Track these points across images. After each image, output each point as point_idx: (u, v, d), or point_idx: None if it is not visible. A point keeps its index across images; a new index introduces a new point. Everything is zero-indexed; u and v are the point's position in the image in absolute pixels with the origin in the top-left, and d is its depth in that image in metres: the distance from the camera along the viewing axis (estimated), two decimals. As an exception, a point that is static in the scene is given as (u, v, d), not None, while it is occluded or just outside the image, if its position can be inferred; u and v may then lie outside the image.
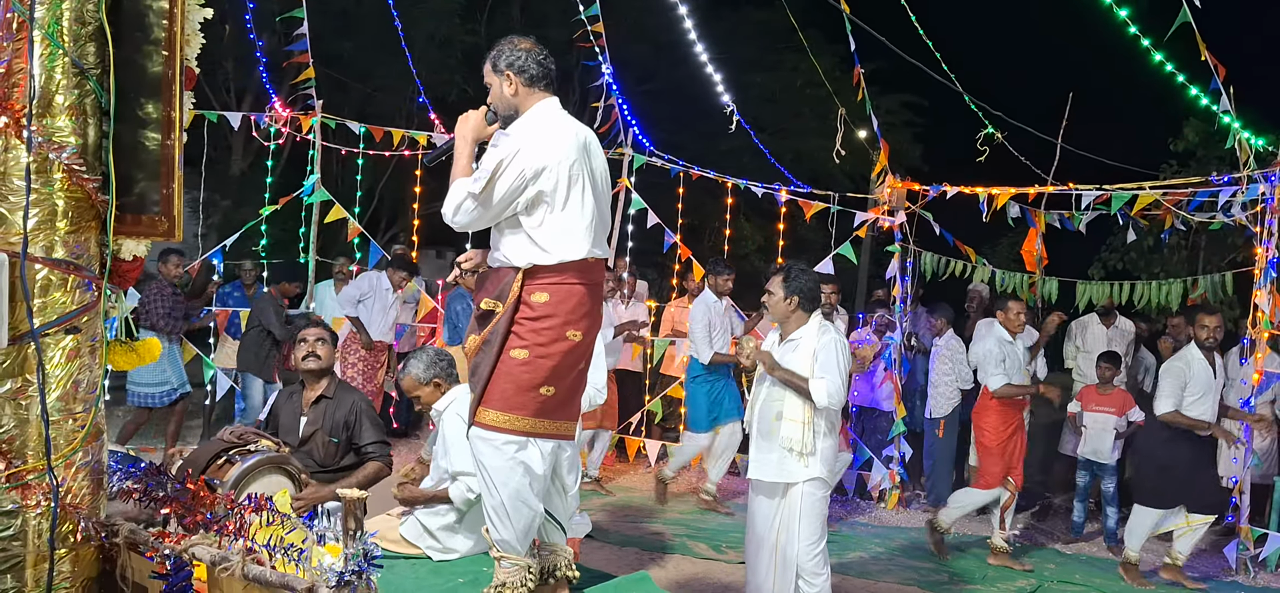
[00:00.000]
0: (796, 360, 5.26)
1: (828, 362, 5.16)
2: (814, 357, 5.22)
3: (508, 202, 3.55)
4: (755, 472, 5.34)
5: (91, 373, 2.61)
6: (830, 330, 5.31)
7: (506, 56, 3.70)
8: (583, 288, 3.63)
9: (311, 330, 5.39)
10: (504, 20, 18.45)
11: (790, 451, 5.19)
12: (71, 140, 2.48)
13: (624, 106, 9.94)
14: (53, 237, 2.50)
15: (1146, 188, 8.51)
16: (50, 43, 2.42)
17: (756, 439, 5.38)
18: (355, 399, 5.32)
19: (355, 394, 5.41)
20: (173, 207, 2.60)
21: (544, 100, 3.71)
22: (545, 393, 3.58)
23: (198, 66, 2.67)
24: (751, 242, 18.26)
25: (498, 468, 3.59)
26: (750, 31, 18.25)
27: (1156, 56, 7.17)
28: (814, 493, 5.17)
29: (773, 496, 5.26)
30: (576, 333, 3.60)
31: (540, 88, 3.70)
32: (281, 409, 5.39)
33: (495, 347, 3.57)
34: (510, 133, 3.66)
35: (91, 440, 2.62)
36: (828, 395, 5.11)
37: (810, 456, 5.16)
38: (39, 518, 2.55)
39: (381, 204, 17.70)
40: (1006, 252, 14.52)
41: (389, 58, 14.82)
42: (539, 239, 3.56)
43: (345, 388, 5.43)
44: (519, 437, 3.59)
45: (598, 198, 3.71)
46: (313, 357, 5.25)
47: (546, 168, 3.52)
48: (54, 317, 2.51)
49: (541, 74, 3.70)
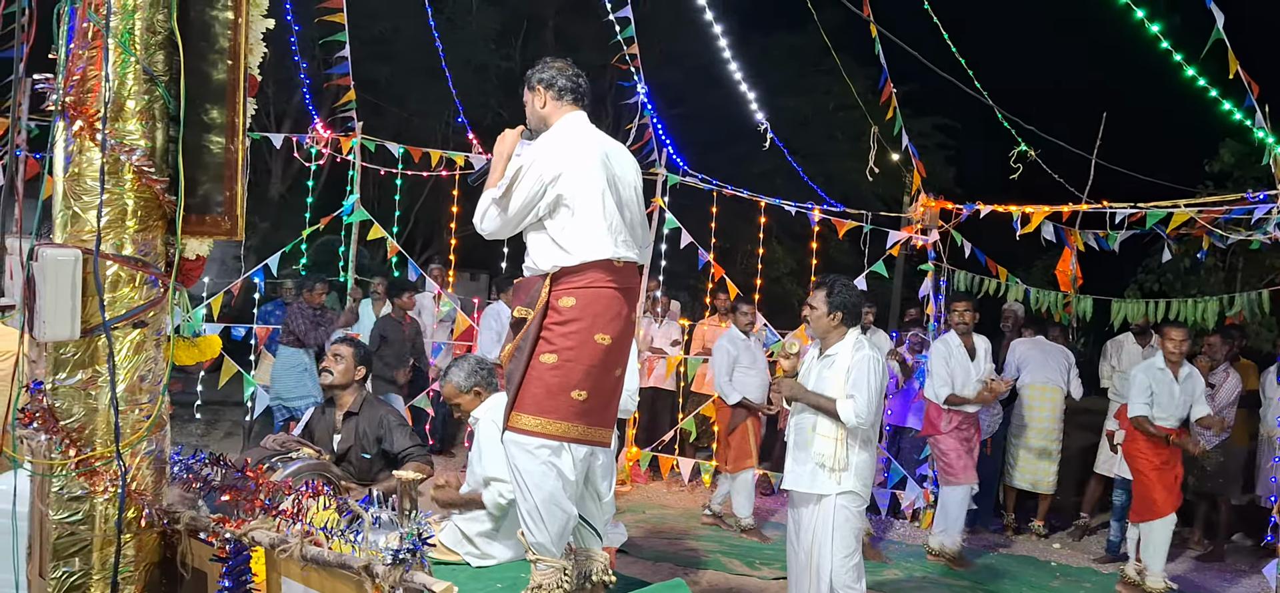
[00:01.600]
0: (831, 377, 5.30)
1: (859, 380, 5.19)
2: (847, 374, 5.26)
3: (528, 207, 3.65)
4: (789, 483, 5.39)
5: (156, 366, 2.73)
6: (865, 347, 5.34)
7: (539, 73, 3.88)
8: (611, 291, 3.68)
9: (339, 346, 5.47)
10: (538, 45, 18.72)
11: (822, 465, 5.24)
12: (141, 143, 2.60)
13: (658, 126, 10.06)
14: (122, 235, 2.63)
15: (1182, 205, 8.50)
16: (123, 51, 2.55)
17: (792, 451, 5.43)
18: (381, 412, 5.37)
19: (381, 407, 5.45)
20: (236, 207, 2.72)
21: (571, 113, 3.85)
22: (577, 397, 3.63)
23: (259, 74, 2.79)
24: (783, 264, 18.33)
25: (531, 472, 3.65)
26: (781, 56, 18.39)
27: (1189, 72, 7.17)
28: (847, 507, 5.21)
29: (807, 506, 5.31)
30: (605, 336, 3.65)
31: (568, 102, 3.85)
32: (316, 425, 5.48)
33: (526, 352, 3.64)
34: (534, 143, 3.78)
35: (156, 430, 2.74)
36: (856, 416, 5.14)
37: (843, 471, 5.21)
38: (106, 503, 2.66)
39: (417, 225, 17.93)
40: (1042, 271, 14.49)
41: (425, 82, 15.09)
42: (562, 242, 3.65)
43: (371, 402, 5.48)
44: (552, 441, 3.63)
45: (623, 203, 3.78)
46: (326, 373, 5.34)
47: (563, 173, 3.62)
48: (122, 311, 2.63)
49: (570, 89, 3.85)
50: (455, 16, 16.50)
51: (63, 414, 2.63)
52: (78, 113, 2.53)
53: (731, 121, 12.58)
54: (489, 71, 17.44)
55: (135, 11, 2.57)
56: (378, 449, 5.24)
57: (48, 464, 2.63)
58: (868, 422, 5.19)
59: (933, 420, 7.83)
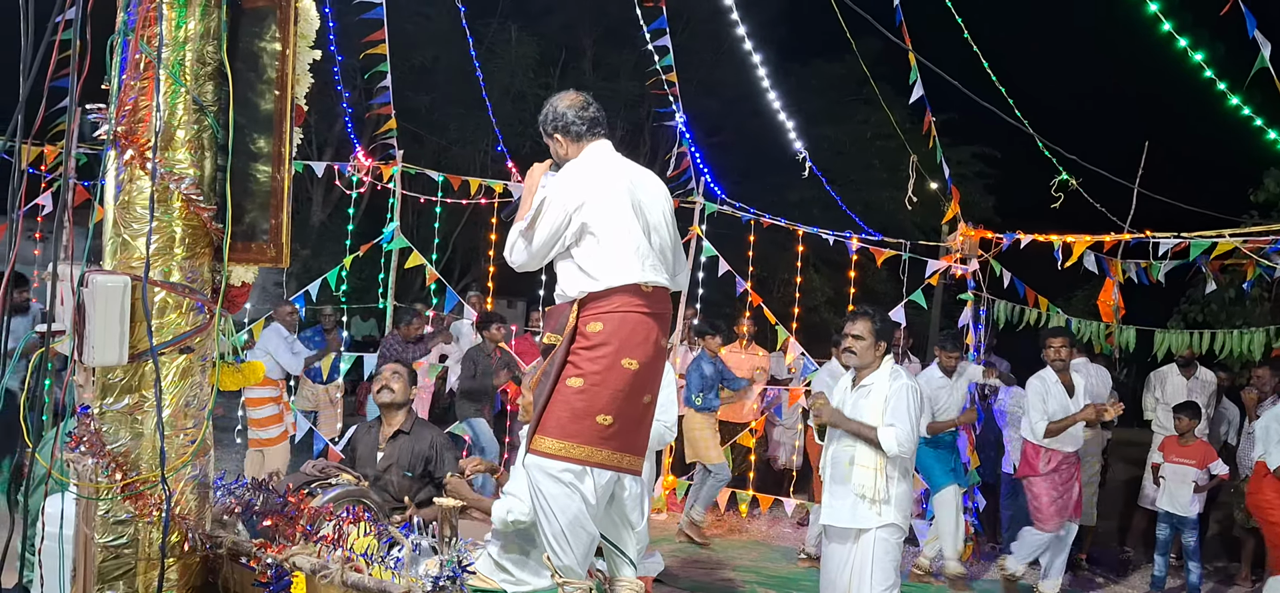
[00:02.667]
0: (868, 407, 5.27)
1: (899, 408, 5.15)
2: (885, 403, 5.22)
3: (554, 237, 3.67)
4: (828, 517, 5.34)
5: (201, 391, 2.76)
6: (902, 375, 5.31)
7: (550, 120, 3.91)
8: (639, 315, 3.67)
9: (388, 365, 5.52)
10: (576, 73, 18.83)
11: (863, 497, 5.19)
12: (190, 172, 2.65)
13: (696, 154, 10.08)
14: (170, 262, 2.67)
15: (1227, 235, 8.38)
16: (174, 82, 2.61)
17: (830, 485, 5.38)
18: (433, 435, 5.43)
19: (433, 430, 5.52)
20: (281, 235, 2.75)
21: (593, 144, 3.88)
22: (602, 422, 3.60)
23: (306, 104, 2.84)
24: (821, 293, 18.24)
25: (555, 496, 3.61)
26: (819, 85, 18.37)
27: (1233, 100, 7.09)
28: (887, 539, 5.16)
29: (845, 541, 5.26)
30: (633, 361, 3.62)
31: (588, 136, 3.87)
32: (360, 441, 5.53)
33: (552, 376, 3.64)
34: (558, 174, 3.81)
35: (200, 455, 2.77)
36: (898, 444, 5.10)
37: (884, 503, 5.17)
38: (150, 528, 2.69)
39: (455, 252, 18.05)
40: (1083, 301, 14.30)
41: (463, 111, 15.22)
42: (588, 268, 3.65)
43: (423, 423, 5.54)
44: (575, 465, 3.60)
45: (652, 228, 3.78)
46: (386, 390, 5.38)
47: (586, 201, 3.64)
48: (169, 337, 2.67)
49: (584, 124, 3.87)
50: (495, 46, 16.66)
51: (110, 439, 2.67)
52: (129, 142, 2.59)
53: (769, 150, 12.59)
54: (527, 100, 17.55)
55: (186, 43, 2.62)
56: (424, 470, 5.26)
57: (94, 488, 2.66)
58: (909, 450, 5.15)
59: (1029, 460, 7.57)
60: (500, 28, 17.08)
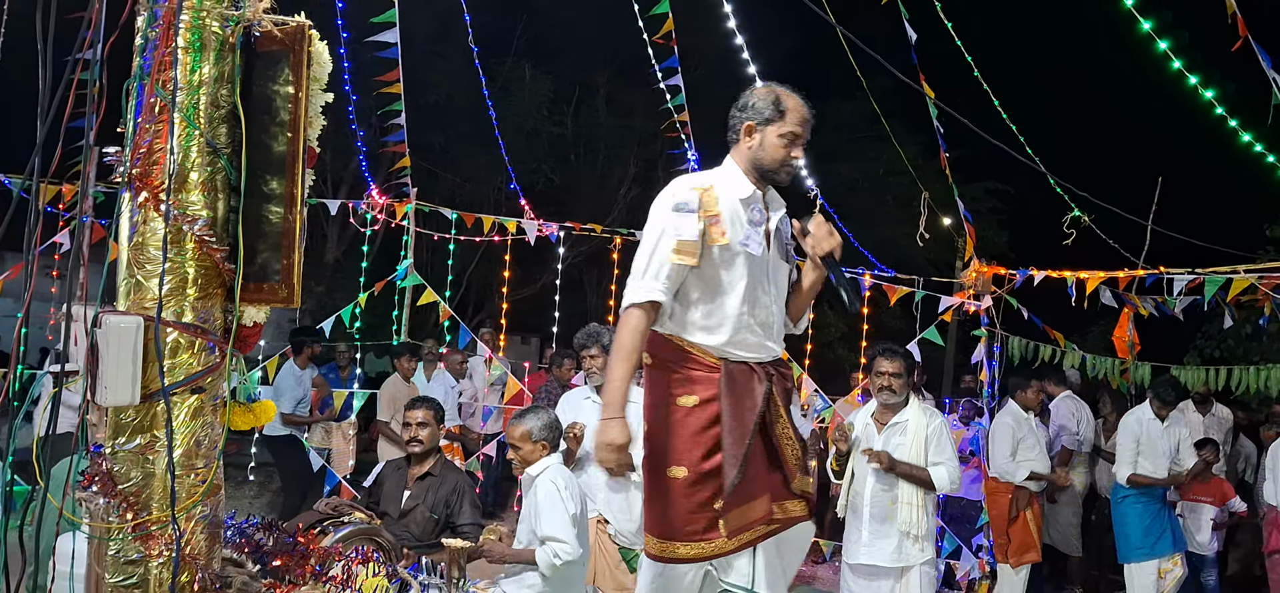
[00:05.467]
0: (905, 445, 5.30)
1: (944, 445, 5.31)
2: (927, 442, 5.30)
3: None
4: (871, 557, 5.33)
5: (213, 431, 2.77)
6: (937, 414, 5.41)
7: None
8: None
9: (417, 412, 5.50)
10: (589, 111, 18.96)
11: (907, 534, 5.23)
12: (203, 213, 2.67)
13: (708, 193, 10.09)
14: (183, 302, 2.69)
15: (1242, 272, 8.35)
16: (188, 125, 2.64)
17: (870, 524, 5.38)
18: (459, 479, 5.43)
19: (459, 474, 5.53)
20: (292, 275, 2.77)
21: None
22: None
23: (318, 146, 2.87)
24: (835, 329, 18.23)
25: None
26: (832, 121, 18.44)
27: (1245, 137, 7.09)
28: (929, 573, 5.26)
29: (886, 579, 5.28)
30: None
31: None
32: (387, 479, 5.54)
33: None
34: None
35: (211, 495, 2.78)
36: (950, 482, 5.23)
37: (926, 539, 5.24)
38: (160, 568, 2.69)
39: (469, 289, 18.11)
40: (1099, 338, 14.26)
41: (477, 149, 15.31)
42: None
43: (450, 467, 5.56)
44: None
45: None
46: (415, 442, 5.39)
47: None
48: (181, 377, 2.69)
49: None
50: (509, 85, 16.78)
51: (121, 478, 2.68)
52: (143, 184, 2.61)
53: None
54: (541, 137, 17.67)
55: (201, 87, 2.65)
56: (445, 513, 5.27)
57: (105, 527, 2.67)
58: (958, 487, 5.29)
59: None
60: (514, 66, 17.21)
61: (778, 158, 3.51)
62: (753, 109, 3.53)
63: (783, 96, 3.54)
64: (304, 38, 2.72)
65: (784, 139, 3.50)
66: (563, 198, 17.18)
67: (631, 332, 3.31)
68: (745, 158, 3.53)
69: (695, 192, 3.41)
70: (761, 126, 3.50)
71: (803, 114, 3.54)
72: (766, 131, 3.50)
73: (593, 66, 18.29)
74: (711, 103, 15.35)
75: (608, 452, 3.30)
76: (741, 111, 3.55)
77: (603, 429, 3.30)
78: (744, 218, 3.46)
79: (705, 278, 3.39)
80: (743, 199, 3.48)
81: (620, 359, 3.31)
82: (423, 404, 5.48)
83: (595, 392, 5.72)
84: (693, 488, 3.32)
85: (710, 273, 3.38)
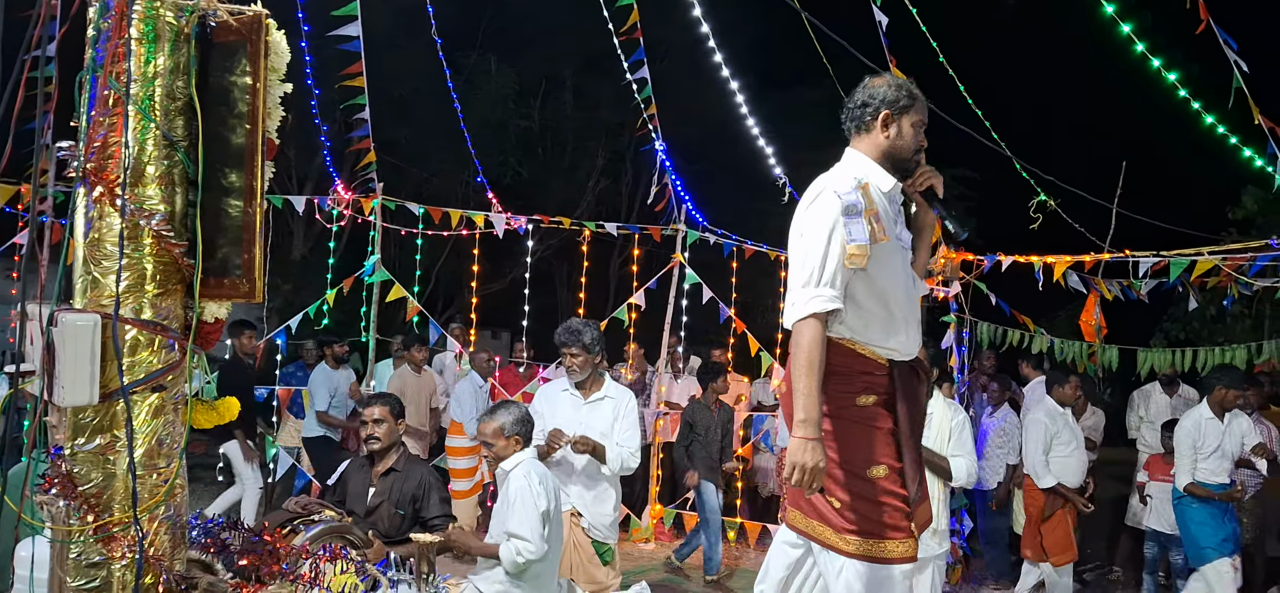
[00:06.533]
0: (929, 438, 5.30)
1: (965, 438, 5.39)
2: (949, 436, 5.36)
3: None
4: None
5: (175, 430, 2.72)
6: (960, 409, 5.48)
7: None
8: None
9: (373, 409, 5.42)
10: (557, 104, 18.88)
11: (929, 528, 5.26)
12: (161, 208, 2.62)
13: (677, 182, 10.09)
14: (141, 299, 2.63)
15: (1205, 253, 8.43)
16: (143, 117, 2.58)
17: None
18: (423, 472, 5.38)
19: (423, 467, 5.47)
20: (253, 270, 2.72)
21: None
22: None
23: (277, 138, 2.81)
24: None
25: None
26: (800, 111, 18.46)
27: (1208, 119, 7.15)
28: (942, 566, 5.31)
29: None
30: None
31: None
32: (351, 478, 5.47)
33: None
34: None
35: (174, 496, 2.72)
36: (968, 475, 5.26)
37: (943, 532, 5.28)
38: (124, 570, 2.64)
39: (439, 284, 18.01)
40: (1066, 322, 14.38)
41: (444, 143, 15.23)
42: None
43: (414, 461, 5.49)
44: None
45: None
46: (372, 439, 5.32)
47: None
48: (141, 375, 2.63)
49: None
50: (474, 78, 16.69)
51: (82, 479, 2.63)
52: (98, 179, 2.55)
53: (751, 177, 12.61)
54: (508, 131, 17.60)
55: (155, 79, 2.60)
56: (412, 508, 5.22)
57: (66, 530, 2.61)
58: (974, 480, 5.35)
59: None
60: (480, 59, 17.12)
61: (913, 146, 3.44)
62: (886, 100, 3.40)
63: (909, 85, 3.46)
64: (261, 27, 2.67)
65: (917, 128, 3.44)
66: (531, 191, 17.13)
67: (812, 343, 3.15)
68: (879, 149, 3.41)
69: (859, 192, 3.29)
70: (898, 116, 3.40)
71: (923, 102, 3.49)
72: (902, 121, 3.41)
73: (559, 59, 18.22)
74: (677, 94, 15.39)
75: (804, 475, 3.10)
76: (870, 103, 3.42)
77: (801, 450, 3.11)
78: (892, 213, 3.40)
79: (870, 279, 3.28)
80: (886, 193, 3.38)
81: (807, 373, 3.12)
82: (379, 401, 5.41)
83: (575, 388, 5.70)
84: (893, 486, 3.25)
85: (876, 273, 3.28)
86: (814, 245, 3.22)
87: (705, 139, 16.05)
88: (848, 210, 3.21)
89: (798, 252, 3.27)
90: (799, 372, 3.14)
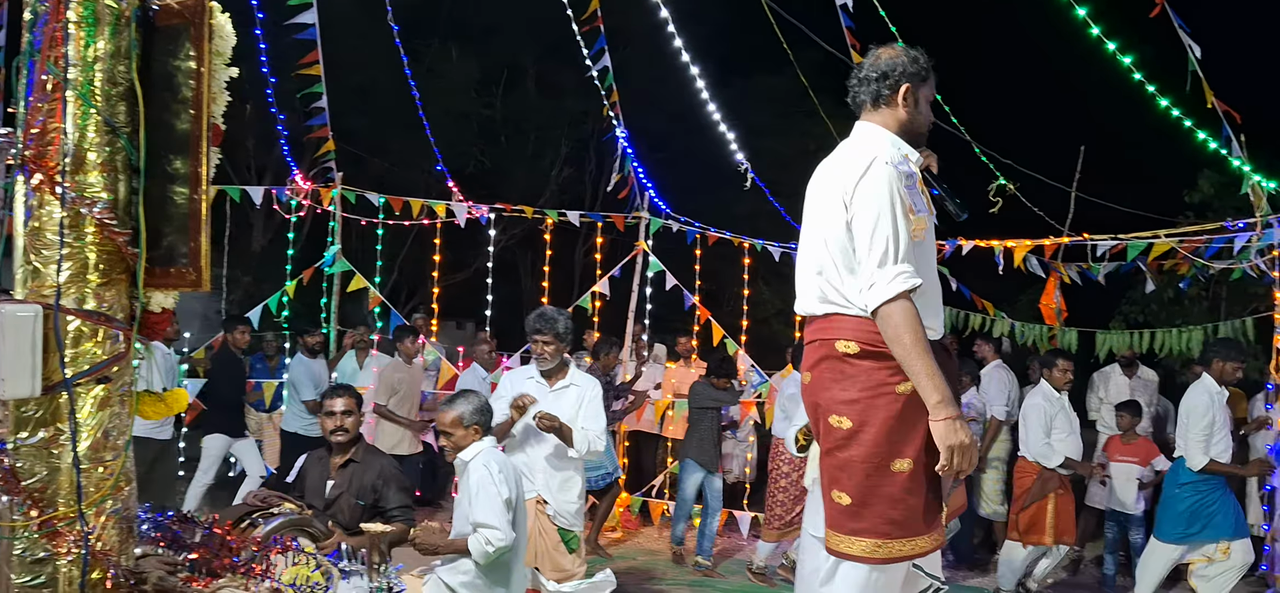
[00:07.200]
0: None
1: None
2: None
3: None
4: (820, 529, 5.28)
5: (121, 422, 2.67)
6: None
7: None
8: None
9: (337, 401, 5.36)
10: (520, 92, 18.77)
11: None
12: (103, 196, 2.56)
13: (639, 170, 10.07)
14: (84, 289, 2.58)
15: (1162, 236, 8.53)
16: (83, 103, 2.52)
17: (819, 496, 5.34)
18: (383, 463, 5.34)
19: (383, 458, 5.43)
20: (200, 259, 2.66)
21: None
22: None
23: (224, 123, 2.76)
24: (770, 305, 18.30)
25: None
26: (762, 98, 18.47)
27: (1162, 102, 7.22)
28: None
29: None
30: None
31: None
32: (309, 471, 5.41)
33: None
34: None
35: (121, 489, 2.67)
36: None
37: None
38: (70, 565, 2.59)
39: (402, 274, 17.88)
40: (1027, 305, 14.49)
41: (405, 132, 15.09)
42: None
43: (373, 452, 5.45)
44: None
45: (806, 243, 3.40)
46: (340, 431, 5.26)
47: None
48: (85, 367, 2.58)
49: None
50: (435, 66, 16.55)
51: (25, 474, 2.57)
52: (37, 166, 2.49)
53: (715, 165, 12.61)
54: (470, 120, 17.48)
55: (96, 63, 2.54)
56: (372, 499, 5.17)
57: (10, 526, 2.56)
58: None
59: None
60: (441, 48, 16.98)
61: (928, 120, 3.36)
62: (907, 73, 3.27)
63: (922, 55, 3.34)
64: (204, 10, 2.61)
65: (929, 100, 3.36)
66: (494, 180, 17.02)
67: (911, 323, 2.97)
68: (899, 123, 3.28)
69: (910, 161, 3.18)
70: (917, 89, 3.29)
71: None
72: (921, 92, 3.30)
73: (521, 47, 18.11)
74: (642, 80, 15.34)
75: (963, 456, 2.99)
76: (890, 74, 3.26)
77: (950, 431, 2.97)
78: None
79: (921, 253, 3.14)
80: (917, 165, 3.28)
81: (921, 353, 2.96)
82: (343, 393, 5.36)
83: (542, 376, 5.68)
84: (916, 481, 3.10)
85: (920, 248, 3.15)
86: (880, 220, 3.03)
87: (668, 127, 16.02)
88: (908, 181, 3.10)
89: (862, 226, 3.06)
90: (909, 354, 2.97)
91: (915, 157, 3.29)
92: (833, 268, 3.17)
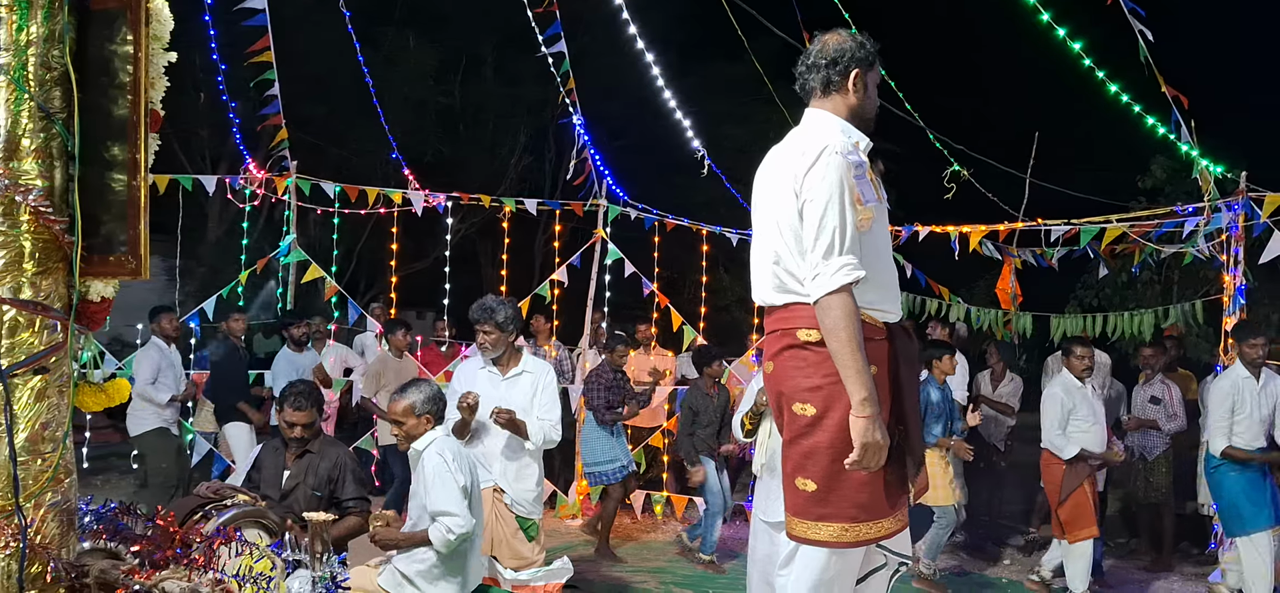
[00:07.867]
0: None
1: None
2: None
3: None
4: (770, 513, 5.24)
5: (60, 413, 2.62)
6: None
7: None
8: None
9: (300, 416, 5.29)
10: (478, 80, 18.66)
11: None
12: (38, 183, 2.51)
13: (597, 158, 10.05)
14: (20, 278, 2.53)
15: (1114, 221, 8.64)
16: (16, 88, 2.47)
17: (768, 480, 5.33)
18: (339, 453, 5.30)
19: (339, 449, 5.40)
20: (139, 247, 2.62)
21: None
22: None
23: (163, 109, 2.71)
24: (731, 292, 18.35)
25: None
26: (719, 85, 18.49)
27: (1112, 88, 7.29)
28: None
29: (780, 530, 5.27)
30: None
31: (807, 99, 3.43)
32: (265, 463, 5.36)
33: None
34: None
35: (60, 481, 2.62)
36: None
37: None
38: (8, 559, 2.54)
39: (360, 264, 17.74)
40: (984, 291, 14.64)
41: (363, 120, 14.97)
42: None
43: (329, 442, 5.42)
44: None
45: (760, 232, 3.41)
46: (298, 426, 5.21)
47: None
48: (22, 357, 2.53)
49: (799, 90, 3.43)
50: (393, 54, 16.41)
51: (-40, 468, 2.52)
52: (-31, 154, 2.44)
53: (674, 153, 12.62)
54: (428, 108, 17.36)
55: (29, 47, 2.48)
56: (328, 490, 5.13)
57: (-55, 521, 2.51)
58: None
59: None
60: (398, 35, 16.83)
61: (877, 102, 3.37)
62: (856, 58, 3.27)
63: (866, 39, 3.34)
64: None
65: (877, 84, 3.37)
66: (453, 169, 16.91)
67: (848, 318, 2.98)
68: (850, 108, 3.28)
69: (859, 150, 3.17)
70: (866, 72, 3.29)
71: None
72: (869, 77, 3.31)
73: (479, 35, 18.00)
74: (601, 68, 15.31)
75: (875, 455, 3.02)
76: (839, 61, 3.27)
77: (868, 429, 2.99)
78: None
79: (872, 239, 3.17)
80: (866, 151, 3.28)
81: (853, 350, 2.96)
82: (306, 406, 5.30)
83: (492, 364, 5.65)
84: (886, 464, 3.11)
85: (873, 233, 3.18)
86: (827, 210, 3.04)
87: (626, 114, 16.00)
88: (857, 171, 3.10)
89: (811, 217, 3.07)
90: (843, 349, 2.98)
91: (866, 144, 3.29)
92: (789, 255, 3.18)
